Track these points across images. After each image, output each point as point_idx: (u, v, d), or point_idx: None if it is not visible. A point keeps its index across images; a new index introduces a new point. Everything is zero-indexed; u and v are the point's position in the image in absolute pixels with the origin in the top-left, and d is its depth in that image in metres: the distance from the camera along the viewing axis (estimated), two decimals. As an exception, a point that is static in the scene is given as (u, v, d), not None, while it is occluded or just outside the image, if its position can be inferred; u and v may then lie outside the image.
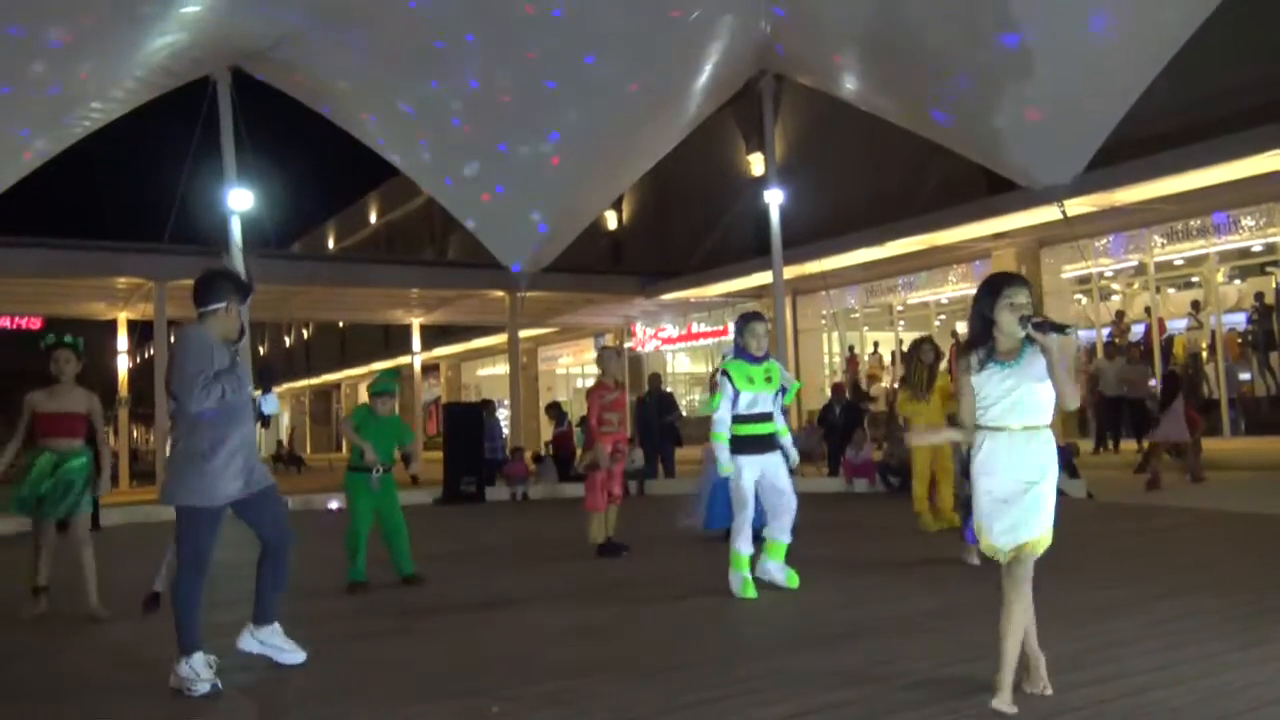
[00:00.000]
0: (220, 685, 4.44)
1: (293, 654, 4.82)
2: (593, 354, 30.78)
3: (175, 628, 4.48)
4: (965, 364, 3.87)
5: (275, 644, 4.80)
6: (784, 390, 6.59)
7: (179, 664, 4.43)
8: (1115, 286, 18.78)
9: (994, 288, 3.86)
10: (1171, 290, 18.21)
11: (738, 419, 6.37)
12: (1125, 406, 15.66)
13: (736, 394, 6.35)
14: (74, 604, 6.38)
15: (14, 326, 25.42)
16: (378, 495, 7.31)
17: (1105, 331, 18.07)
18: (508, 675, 4.58)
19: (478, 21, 12.75)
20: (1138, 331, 17.89)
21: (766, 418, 6.40)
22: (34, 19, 10.82)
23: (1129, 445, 15.38)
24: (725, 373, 6.44)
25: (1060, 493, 11.50)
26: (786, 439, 6.54)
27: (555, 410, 17.89)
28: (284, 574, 4.86)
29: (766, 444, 6.39)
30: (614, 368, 8.70)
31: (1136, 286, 18.43)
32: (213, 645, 4.63)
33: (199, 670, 4.41)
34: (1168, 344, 17.44)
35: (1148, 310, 17.84)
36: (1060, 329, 3.79)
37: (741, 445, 6.38)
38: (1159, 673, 4.10)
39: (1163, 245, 17.32)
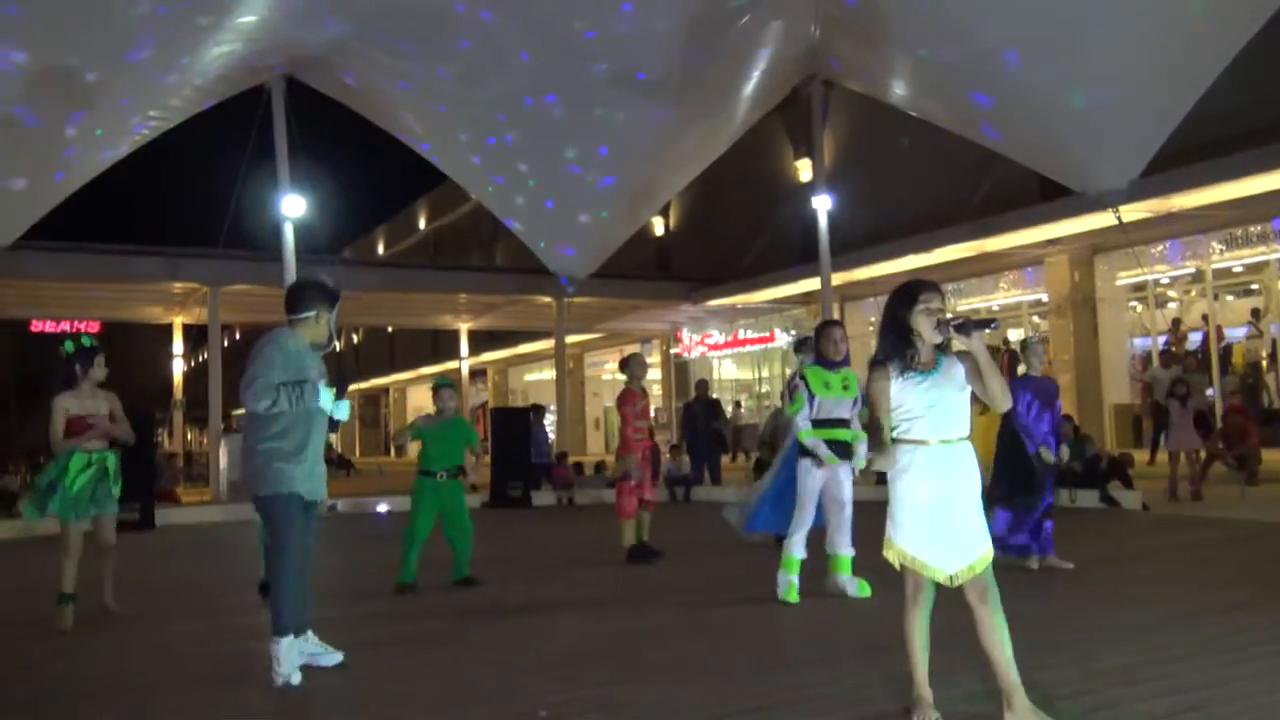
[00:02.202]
0: (295, 683, 4.53)
1: (330, 656, 4.88)
2: (643, 356, 30.81)
3: (272, 611, 4.66)
4: (884, 372, 3.69)
5: (312, 650, 4.86)
6: (864, 400, 6.56)
7: (273, 642, 4.61)
8: (1172, 294, 18.43)
9: (910, 294, 3.69)
10: (1230, 297, 17.83)
11: (812, 423, 6.39)
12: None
13: (813, 399, 6.38)
14: (92, 599, 6.51)
15: (73, 330, 25.99)
16: (444, 499, 7.37)
17: (1161, 340, 17.74)
18: (555, 679, 4.59)
19: (528, 29, 12.83)
20: (1195, 340, 17.54)
21: (840, 423, 6.41)
22: (102, 31, 11.08)
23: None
24: (803, 378, 6.46)
25: (1114, 503, 11.34)
26: (862, 445, 6.52)
27: None
28: (307, 593, 4.94)
29: (838, 451, 6.39)
30: (641, 375, 8.86)
31: (1194, 294, 18.07)
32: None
33: (283, 657, 4.57)
34: (1226, 352, 17.08)
35: (1205, 318, 17.48)
36: (984, 325, 3.64)
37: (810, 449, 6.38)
38: (1216, 689, 4.01)
39: (1221, 252, 16.98)
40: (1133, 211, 14.01)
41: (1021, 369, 7.89)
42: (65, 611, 6.26)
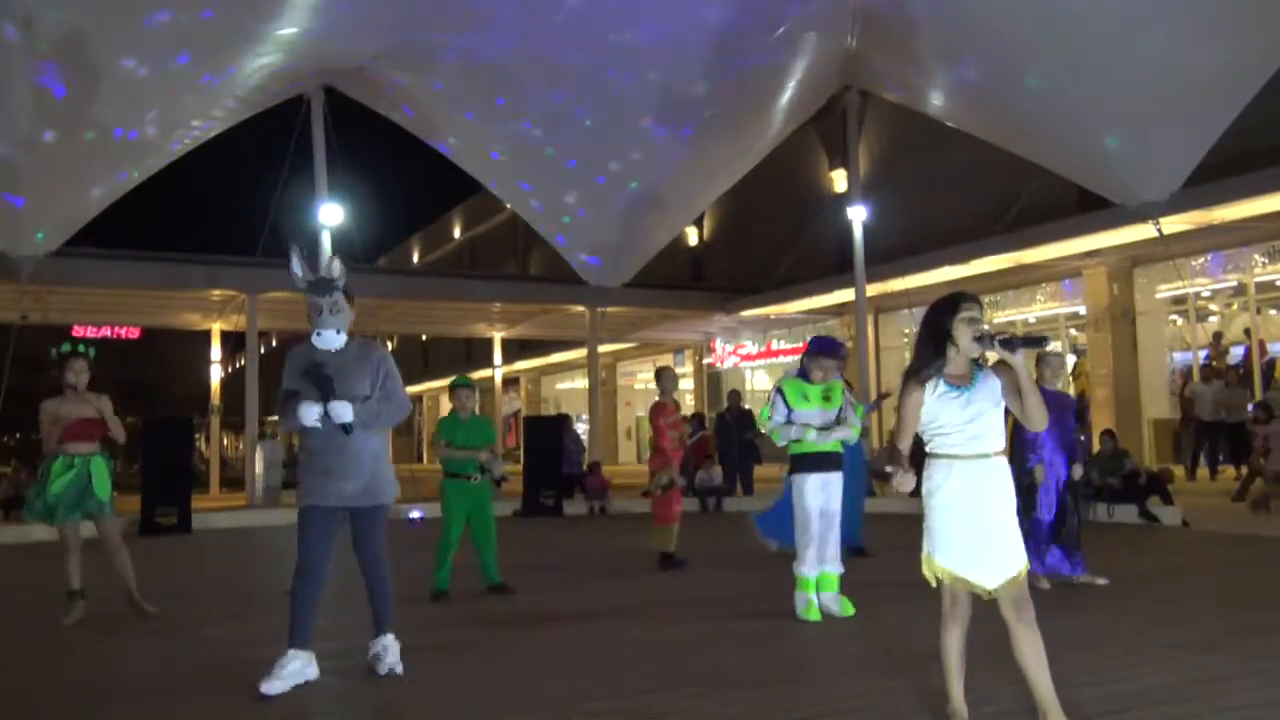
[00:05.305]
0: (274, 691, 4.50)
1: (385, 664, 4.84)
2: (673, 370, 30.78)
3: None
4: (917, 384, 3.65)
5: (379, 650, 4.91)
6: (849, 410, 6.51)
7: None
8: (1213, 307, 18.16)
9: (951, 304, 3.67)
10: (1273, 311, 17.53)
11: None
12: (1222, 431, 15.12)
13: (789, 411, 6.32)
14: (119, 603, 6.64)
15: (114, 336, 26.38)
16: (472, 501, 7.37)
17: (1202, 354, 17.49)
18: (589, 689, 4.59)
19: (565, 41, 12.90)
20: (1237, 354, 17.27)
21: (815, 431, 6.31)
22: (154, 39, 11.28)
23: (1227, 471, 14.84)
24: (779, 389, 6.43)
25: (1154, 519, 11.21)
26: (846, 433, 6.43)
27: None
28: (381, 597, 4.95)
29: (830, 462, 6.31)
30: (672, 388, 8.91)
31: (1235, 307, 17.79)
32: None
33: (276, 668, 4.57)
34: (1269, 367, 16.79)
35: (1247, 332, 17.20)
36: (1033, 343, 3.62)
37: (804, 463, 6.31)
38: (1258, 709, 3.95)
39: (1264, 264, 16.72)
40: (1174, 223, 13.84)
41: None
42: (71, 608, 6.50)
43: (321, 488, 4.78)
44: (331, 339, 4.83)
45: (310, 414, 4.69)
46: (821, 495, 6.27)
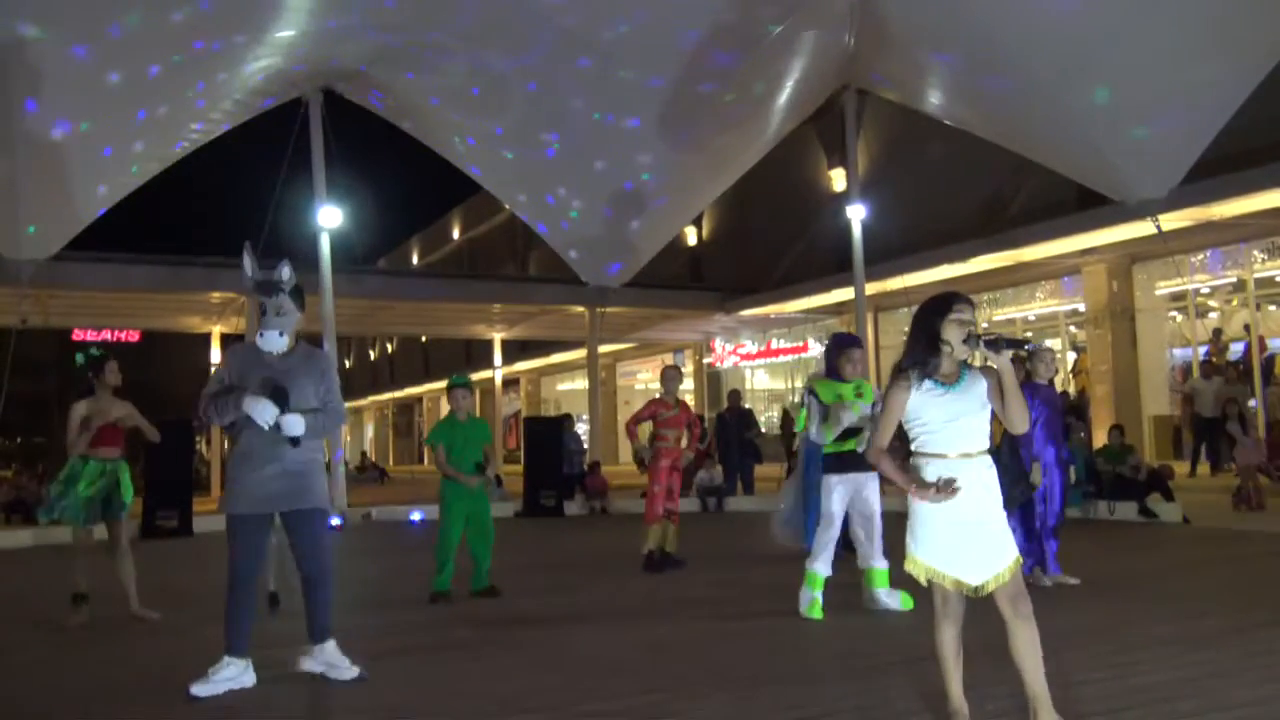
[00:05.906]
0: (199, 696, 4.52)
1: (346, 670, 4.84)
2: (678, 369, 30.80)
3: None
4: (904, 381, 3.66)
5: (328, 660, 4.86)
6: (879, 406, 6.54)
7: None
8: (1212, 303, 18.16)
9: (944, 303, 3.68)
10: (1272, 307, 17.53)
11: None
12: (1223, 428, 15.12)
13: (825, 408, 6.33)
14: (121, 607, 6.65)
15: (114, 339, 26.40)
16: (471, 502, 7.36)
17: (1202, 350, 17.49)
18: (590, 690, 4.59)
19: (562, 39, 12.89)
20: (1236, 350, 17.27)
21: (856, 433, 6.31)
22: (147, 45, 11.27)
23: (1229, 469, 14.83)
24: (811, 390, 6.42)
25: (1154, 516, 11.21)
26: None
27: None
28: (323, 605, 4.88)
29: (856, 462, 6.31)
30: (674, 387, 8.86)
31: (1235, 303, 17.79)
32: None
33: (213, 672, 4.60)
34: (1268, 363, 16.79)
35: (1247, 328, 17.20)
36: (1016, 345, 3.64)
37: (832, 464, 6.34)
38: (1260, 706, 3.94)
39: (1263, 260, 16.71)
40: (1172, 220, 13.83)
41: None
42: (77, 611, 6.51)
43: (250, 493, 4.73)
44: (273, 341, 4.78)
45: (266, 414, 4.64)
46: (847, 497, 6.32)
